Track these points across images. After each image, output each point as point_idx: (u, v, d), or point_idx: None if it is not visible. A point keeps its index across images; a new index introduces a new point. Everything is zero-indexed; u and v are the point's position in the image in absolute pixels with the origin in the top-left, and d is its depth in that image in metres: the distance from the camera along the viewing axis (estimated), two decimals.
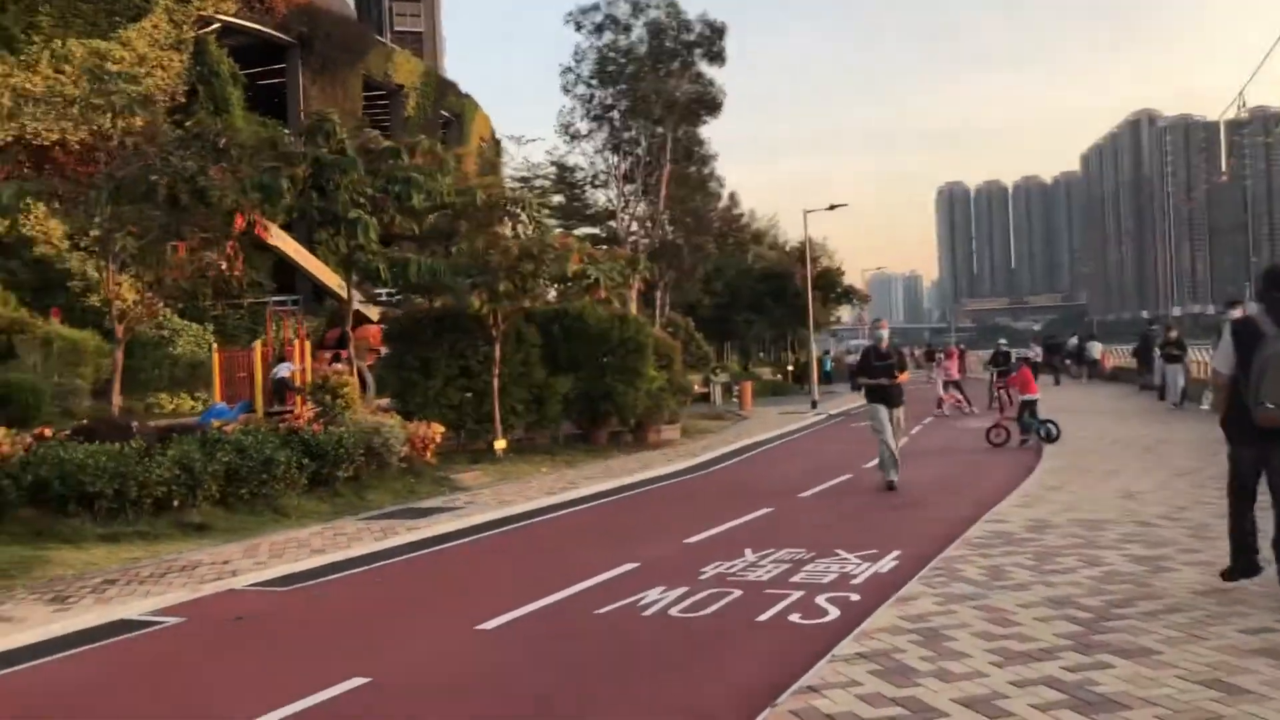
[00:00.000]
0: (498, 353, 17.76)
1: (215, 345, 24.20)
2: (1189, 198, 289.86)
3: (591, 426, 20.14)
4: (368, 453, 14.32)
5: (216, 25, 37.52)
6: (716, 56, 28.45)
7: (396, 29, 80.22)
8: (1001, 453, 17.23)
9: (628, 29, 27.75)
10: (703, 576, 8.25)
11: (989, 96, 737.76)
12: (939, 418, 26.10)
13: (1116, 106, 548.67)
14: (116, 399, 15.29)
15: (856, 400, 36.24)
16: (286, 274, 35.43)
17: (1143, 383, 29.80)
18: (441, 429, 16.05)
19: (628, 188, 28.52)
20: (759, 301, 50.83)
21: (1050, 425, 17.70)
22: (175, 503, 11.69)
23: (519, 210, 17.30)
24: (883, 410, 12.99)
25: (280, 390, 24.98)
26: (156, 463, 11.69)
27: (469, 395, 18.11)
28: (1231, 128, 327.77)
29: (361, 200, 15.33)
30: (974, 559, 8.03)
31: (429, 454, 15.77)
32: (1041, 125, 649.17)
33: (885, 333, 13.70)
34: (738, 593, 7.65)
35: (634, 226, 28.65)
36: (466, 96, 54.97)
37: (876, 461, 13.38)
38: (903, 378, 13.27)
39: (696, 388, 33.46)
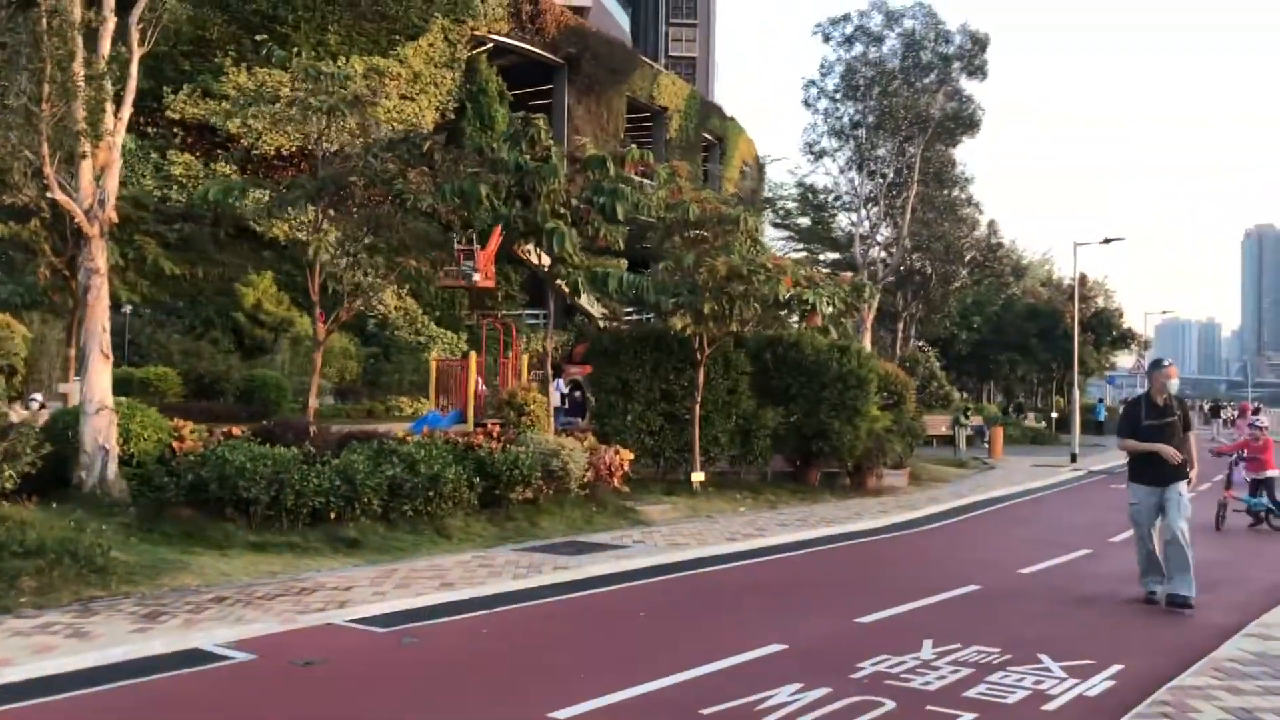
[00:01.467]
0: (701, 378, 16.57)
1: (435, 355, 24.36)
2: None
3: (803, 465, 18.54)
4: (546, 476, 13.48)
5: (489, 45, 38.72)
6: (977, 70, 25.92)
7: (671, 54, 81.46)
8: None
9: (880, 40, 25.86)
10: (857, 674, 6.65)
11: None
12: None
13: None
14: (313, 400, 15.25)
15: (1124, 457, 31.85)
16: (540, 288, 35.94)
17: None
18: (630, 455, 15.01)
19: (870, 210, 26.52)
20: (1024, 341, 47.09)
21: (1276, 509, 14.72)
22: (332, 514, 11.23)
23: (734, 228, 16.00)
24: (1146, 494, 9.11)
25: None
26: (316, 471, 11.28)
27: (668, 421, 17.01)
28: None
29: (563, 210, 14.57)
30: (1218, 692, 6.01)
31: (616, 481, 14.78)
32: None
33: (1175, 382, 9.21)
34: (890, 705, 6.02)
35: (878, 253, 26.59)
36: (730, 119, 54.46)
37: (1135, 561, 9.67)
38: (1191, 447, 9.11)
39: (943, 429, 30.94)
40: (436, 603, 8.57)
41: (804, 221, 32.26)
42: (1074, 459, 28.72)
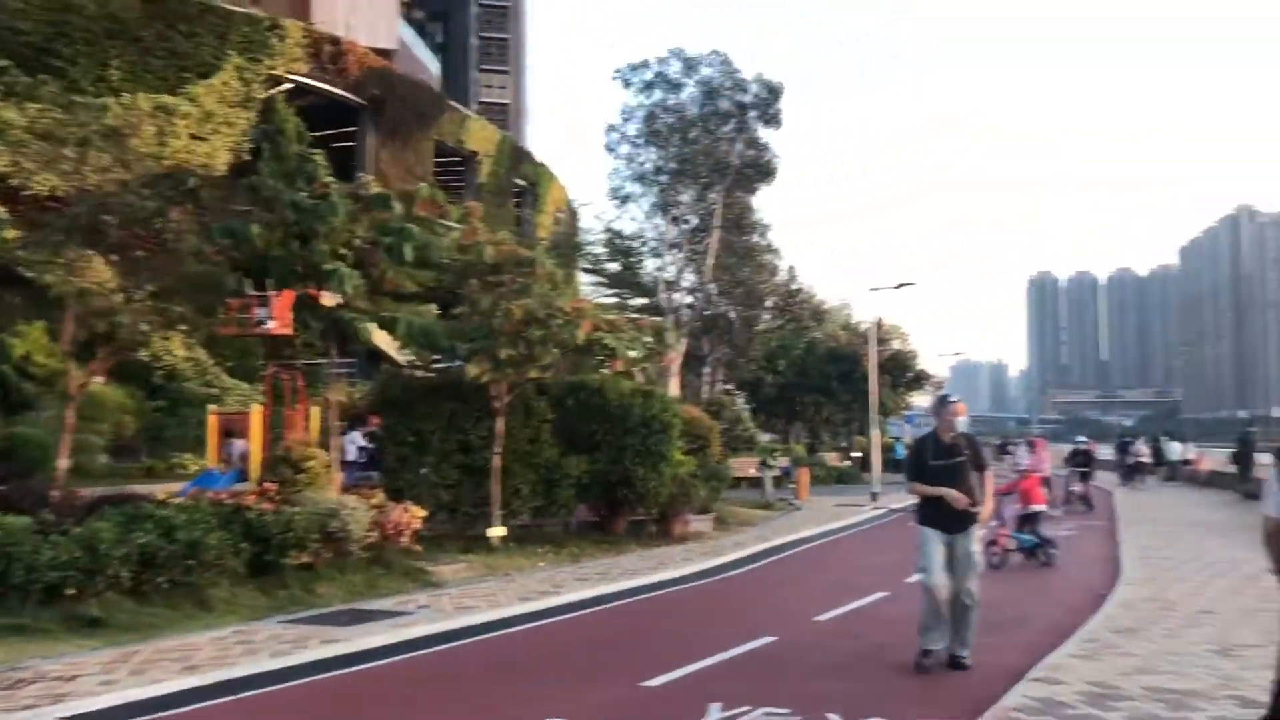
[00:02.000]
0: (500, 427, 15.90)
1: (213, 409, 22.77)
2: None
3: (609, 514, 18.08)
4: (324, 538, 12.50)
5: (288, 85, 37.24)
6: (772, 119, 26.61)
7: (483, 99, 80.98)
8: (1067, 574, 14.68)
9: (679, 87, 26.23)
10: None
11: (1085, 184, 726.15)
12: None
13: (1215, 200, 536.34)
14: (63, 460, 13.75)
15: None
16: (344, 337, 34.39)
17: (1244, 490, 26.75)
18: (421, 512, 14.15)
19: (674, 255, 26.66)
20: (827, 383, 48.42)
21: (1049, 549, 15.24)
22: (70, 590, 9.96)
23: (532, 270, 15.51)
24: (935, 540, 8.27)
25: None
26: (51, 542, 10.00)
27: (466, 474, 16.25)
28: None
29: (344, 251, 13.74)
30: None
31: (406, 540, 13.87)
32: (1135, 219, 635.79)
33: (963, 420, 8.70)
34: None
35: (685, 298, 26.68)
36: (542, 165, 54.32)
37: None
38: (986, 486, 8.48)
39: (752, 471, 31.17)
40: (175, 690, 7.56)
41: (614, 267, 32.17)
42: (875, 498, 29.38)
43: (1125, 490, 33.06)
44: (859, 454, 45.06)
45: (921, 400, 58.85)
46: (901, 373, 47.16)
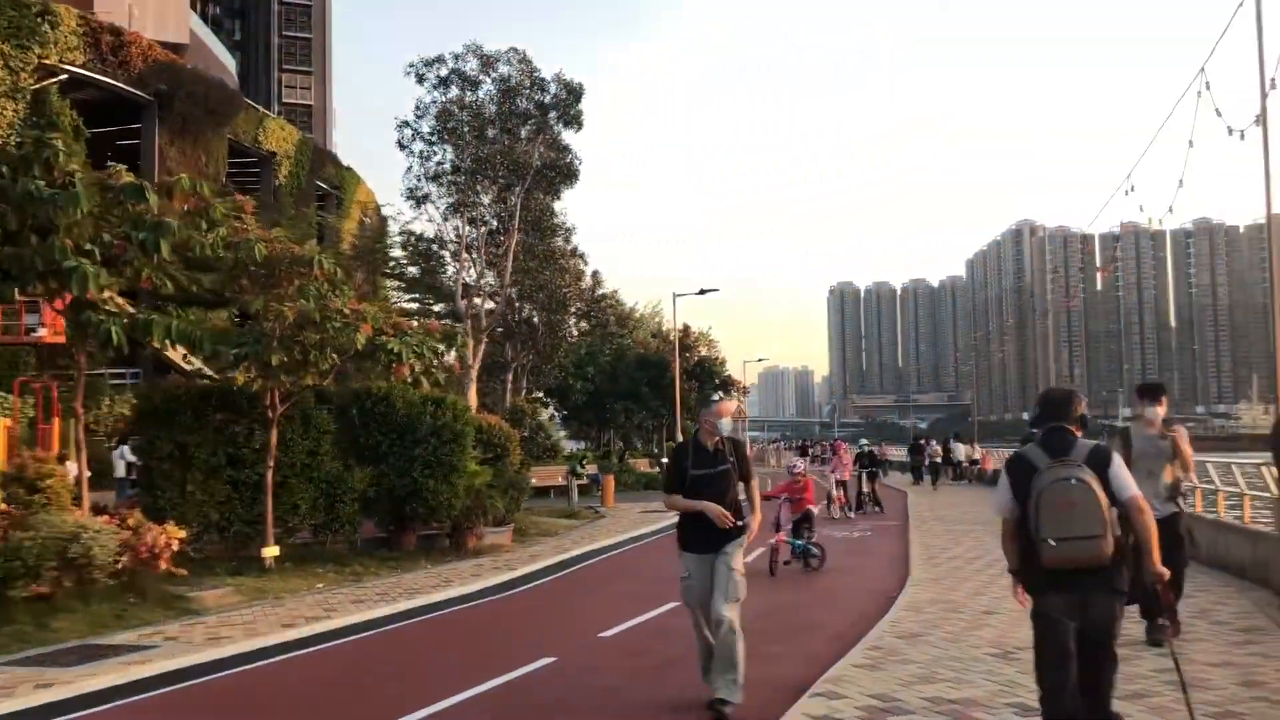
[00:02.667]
0: (274, 439, 14.75)
1: None
2: (1067, 304, 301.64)
3: (398, 529, 17.15)
4: (65, 565, 11.15)
5: (62, 76, 34.36)
6: (573, 121, 26.10)
7: (286, 100, 77.45)
8: (857, 576, 14.78)
9: (476, 85, 25.35)
10: None
11: (884, 197, 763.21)
12: (819, 522, 23.82)
13: (1003, 212, 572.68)
14: None
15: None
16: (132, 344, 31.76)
17: None
18: (181, 534, 12.87)
19: (472, 258, 25.76)
20: (636, 389, 48.57)
21: (813, 550, 15.13)
22: None
23: (308, 270, 14.42)
24: (697, 565, 7.30)
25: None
26: None
27: (238, 490, 15.02)
28: (1106, 240, 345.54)
29: (89, 247, 12.35)
30: None
31: (164, 564, 12.58)
32: (931, 228, 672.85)
33: (726, 421, 7.46)
34: None
35: (486, 303, 25.74)
36: (348, 168, 52.40)
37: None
38: (753, 496, 7.55)
39: (559, 480, 30.64)
40: None
41: (415, 270, 31.01)
42: None
43: (918, 490, 34.31)
44: (667, 460, 45.33)
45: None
46: (709, 379, 47.82)
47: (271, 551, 14.57)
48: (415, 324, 15.97)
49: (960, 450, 38.72)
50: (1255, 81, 12.34)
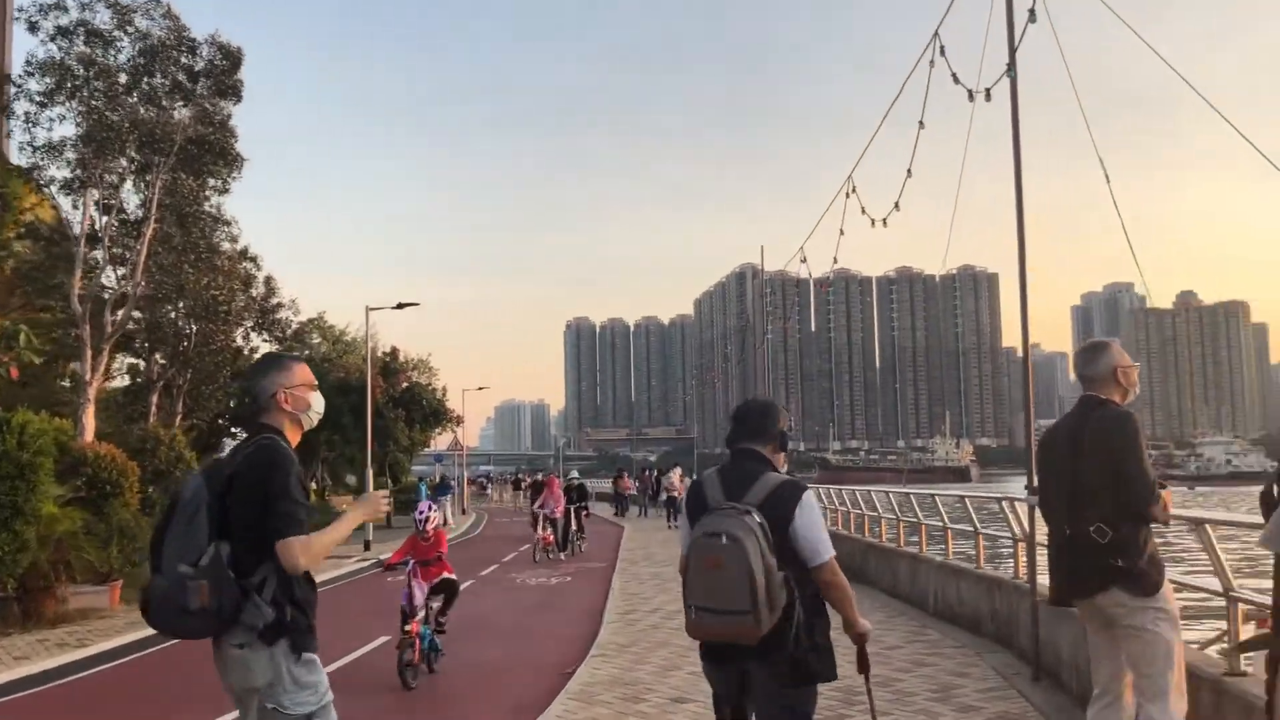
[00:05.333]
0: None
1: None
2: (784, 327, 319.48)
3: None
4: None
5: None
6: (230, 91, 21.85)
7: None
8: (534, 638, 12.00)
9: (110, 43, 20.66)
10: None
11: (621, 236, 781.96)
12: (521, 564, 21.02)
13: (729, 256, 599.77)
14: None
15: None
16: None
17: None
18: None
19: (97, 249, 21.04)
20: (339, 418, 44.04)
21: (435, 652, 9.67)
22: None
23: None
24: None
25: None
26: None
27: None
28: (820, 284, 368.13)
29: None
30: None
31: None
32: (666, 268, 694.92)
33: None
34: None
35: (111, 308, 20.72)
36: (15, 167, 44.89)
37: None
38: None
39: None
40: None
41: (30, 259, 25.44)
42: (367, 546, 25.83)
43: (638, 524, 32.53)
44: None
45: (446, 439, 56.29)
46: (418, 408, 44.01)
47: None
48: None
49: (674, 482, 37.12)
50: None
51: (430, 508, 9.89)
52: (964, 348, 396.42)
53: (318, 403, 3.84)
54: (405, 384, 43.43)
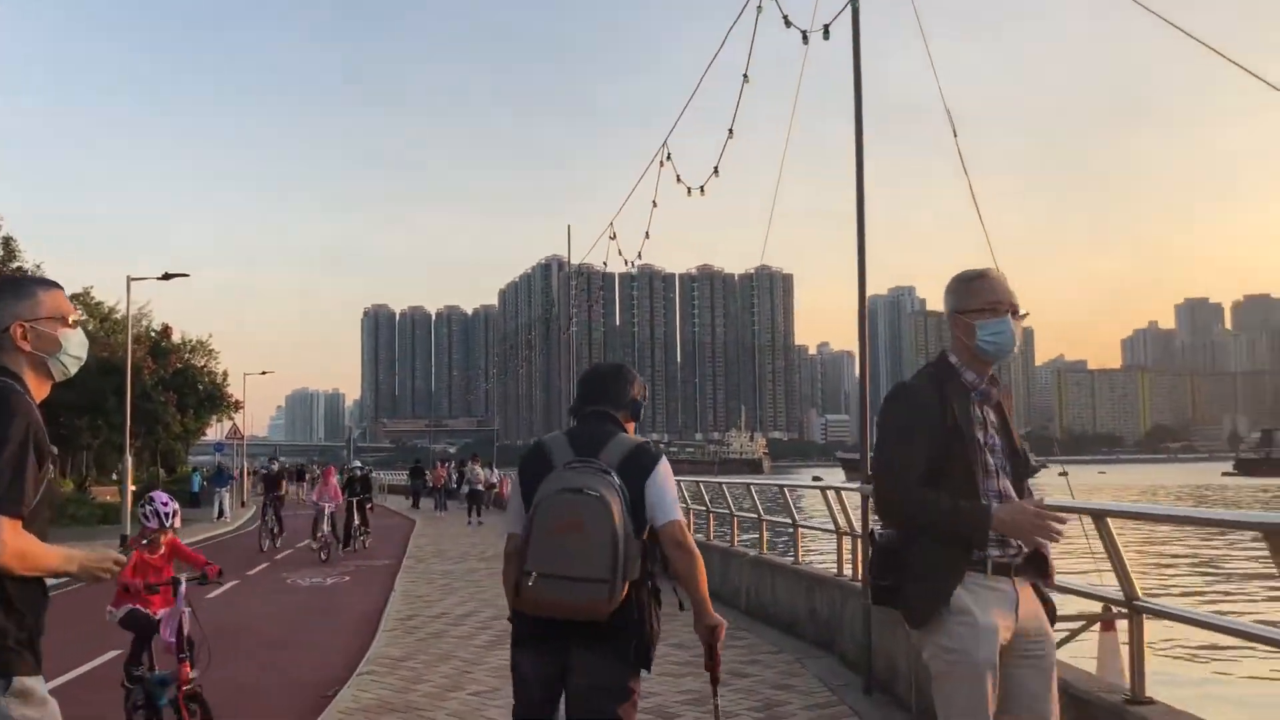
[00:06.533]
0: None
1: None
2: (588, 313, 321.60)
3: None
4: None
5: None
6: None
7: None
8: (295, 650, 10.38)
9: None
10: None
11: (428, 228, 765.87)
12: (296, 562, 19.01)
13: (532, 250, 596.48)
14: None
15: (211, 530, 27.38)
16: None
17: None
18: None
19: None
20: (102, 402, 40.11)
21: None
22: None
23: None
24: None
25: None
26: None
27: None
28: (625, 279, 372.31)
29: None
30: None
31: None
32: (475, 259, 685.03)
33: None
34: None
35: None
36: None
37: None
38: None
39: None
40: None
41: None
42: (124, 542, 23.22)
43: (434, 518, 30.92)
44: (136, 487, 37.58)
45: (227, 426, 52.41)
46: (193, 391, 40.61)
47: None
48: None
49: (479, 474, 35.42)
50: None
51: (168, 500, 7.45)
52: (759, 344, 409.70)
53: (73, 343, 2.81)
54: (178, 365, 39.91)
